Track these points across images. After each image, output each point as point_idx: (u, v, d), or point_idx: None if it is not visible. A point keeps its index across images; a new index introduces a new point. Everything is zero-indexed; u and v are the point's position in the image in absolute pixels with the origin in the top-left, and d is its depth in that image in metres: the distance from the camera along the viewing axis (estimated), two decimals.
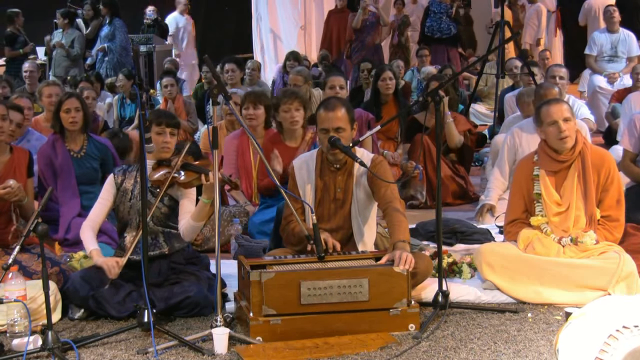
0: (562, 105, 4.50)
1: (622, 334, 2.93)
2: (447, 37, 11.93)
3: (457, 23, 12.07)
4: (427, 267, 4.27)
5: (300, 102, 5.68)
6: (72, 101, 5.56)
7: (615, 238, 4.46)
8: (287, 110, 5.64)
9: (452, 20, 11.97)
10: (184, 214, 4.33)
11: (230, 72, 8.95)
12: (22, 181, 4.55)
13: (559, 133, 4.43)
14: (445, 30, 11.89)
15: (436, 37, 11.95)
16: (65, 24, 11.37)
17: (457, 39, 12.13)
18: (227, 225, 5.55)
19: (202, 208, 4.21)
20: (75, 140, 5.64)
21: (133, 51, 7.18)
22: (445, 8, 11.95)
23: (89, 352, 3.75)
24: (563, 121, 4.43)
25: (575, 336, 3.09)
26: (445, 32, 11.90)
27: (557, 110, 4.46)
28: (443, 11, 11.99)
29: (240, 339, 3.79)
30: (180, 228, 4.34)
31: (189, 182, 4.28)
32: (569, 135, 4.43)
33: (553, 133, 4.46)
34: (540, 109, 4.58)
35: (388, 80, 7.47)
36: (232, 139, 6.15)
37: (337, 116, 4.30)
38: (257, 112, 6.04)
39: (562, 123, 4.43)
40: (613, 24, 10.24)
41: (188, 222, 4.27)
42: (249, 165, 6.06)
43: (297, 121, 5.66)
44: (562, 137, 4.43)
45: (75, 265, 4.73)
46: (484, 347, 3.71)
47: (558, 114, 4.45)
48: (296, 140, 5.69)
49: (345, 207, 4.41)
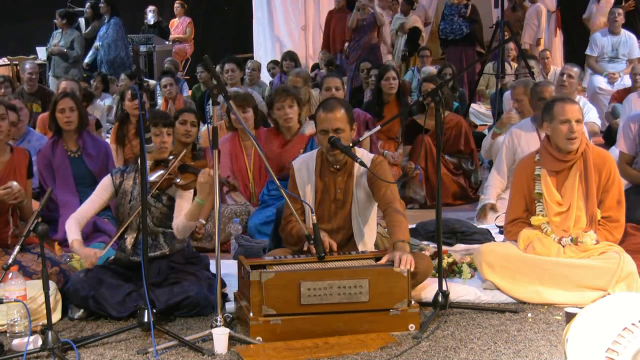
0: (575, 106, 4.51)
1: (638, 327, 2.93)
2: (459, 37, 11.91)
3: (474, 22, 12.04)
4: (427, 267, 4.27)
5: (293, 99, 5.78)
6: (66, 101, 5.57)
7: (616, 238, 4.46)
8: (281, 108, 5.77)
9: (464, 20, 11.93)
10: (178, 212, 4.33)
11: (230, 72, 8.94)
12: (22, 181, 4.55)
13: (570, 133, 4.42)
14: (457, 31, 11.86)
15: (450, 38, 11.95)
16: (64, 25, 11.37)
17: (473, 38, 12.07)
18: (228, 222, 5.55)
19: (196, 208, 4.20)
20: (72, 140, 5.65)
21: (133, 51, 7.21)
22: (457, 9, 11.91)
23: (89, 352, 3.75)
24: (575, 122, 4.43)
25: (587, 327, 3.10)
26: (457, 32, 11.87)
27: (572, 110, 4.46)
28: (455, 12, 11.95)
29: (240, 339, 3.79)
30: (174, 226, 4.33)
31: (186, 184, 4.28)
32: (578, 136, 4.43)
33: (563, 131, 4.45)
34: (553, 105, 4.54)
35: (391, 80, 7.49)
36: (223, 143, 6.14)
37: (336, 117, 4.30)
38: (246, 115, 6.08)
39: (575, 124, 4.43)
40: (616, 26, 10.25)
41: (182, 222, 4.26)
42: (243, 167, 6.09)
43: (290, 118, 5.79)
44: (571, 137, 4.43)
45: (75, 265, 4.73)
46: (484, 347, 3.71)
47: (572, 114, 4.45)
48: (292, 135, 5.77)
49: (346, 208, 4.41)
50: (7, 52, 13.23)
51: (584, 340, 3.08)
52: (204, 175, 4.09)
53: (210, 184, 4.07)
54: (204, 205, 4.22)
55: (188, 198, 4.31)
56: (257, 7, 14.64)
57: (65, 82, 7.63)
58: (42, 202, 3.84)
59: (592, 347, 3.02)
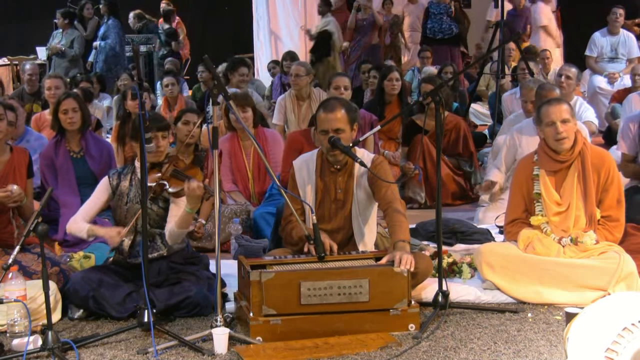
0: (561, 106, 4.50)
1: (637, 327, 2.93)
2: (448, 37, 11.90)
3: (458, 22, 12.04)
4: (427, 267, 4.27)
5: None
6: (70, 102, 5.58)
7: (616, 238, 4.46)
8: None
9: (452, 20, 11.94)
10: (171, 219, 4.32)
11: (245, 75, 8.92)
12: (22, 181, 4.55)
13: (556, 134, 4.44)
14: (446, 30, 11.85)
15: (438, 37, 11.91)
16: (65, 24, 11.38)
17: (459, 39, 12.08)
18: (228, 222, 5.56)
19: (185, 217, 4.18)
20: (75, 141, 5.65)
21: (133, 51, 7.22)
22: (445, 8, 11.92)
23: (89, 352, 3.75)
24: (561, 122, 4.44)
25: (587, 327, 3.10)
26: (446, 32, 11.86)
27: (556, 111, 4.47)
28: (443, 11, 11.95)
29: (240, 339, 3.79)
30: (166, 232, 4.32)
31: (177, 192, 4.24)
32: (567, 136, 4.44)
33: (550, 133, 4.47)
34: (540, 109, 4.60)
35: (394, 81, 7.51)
36: (222, 143, 6.14)
37: (337, 117, 4.29)
38: (246, 114, 6.10)
39: (560, 124, 4.43)
40: (616, 26, 10.25)
41: (172, 229, 4.25)
42: (242, 167, 6.10)
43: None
44: (558, 138, 4.44)
45: (75, 265, 4.73)
46: (484, 347, 3.71)
47: (556, 115, 4.45)
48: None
49: (346, 208, 4.40)
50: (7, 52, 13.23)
51: (584, 340, 3.09)
52: (190, 187, 4.05)
53: (198, 196, 4.06)
54: (193, 213, 4.21)
55: (181, 205, 4.29)
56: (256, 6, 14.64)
57: (50, 80, 7.36)
58: (42, 202, 3.84)
59: (591, 347, 3.02)
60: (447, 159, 6.92)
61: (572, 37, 13.15)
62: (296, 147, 5.73)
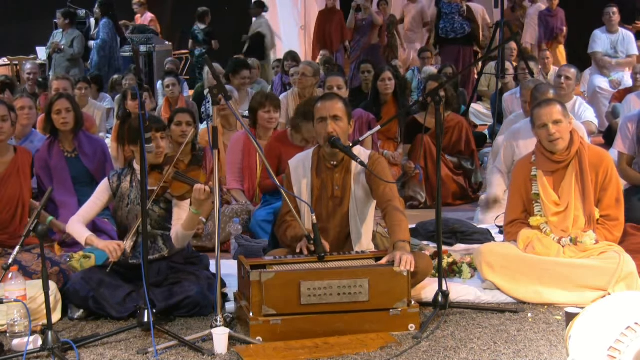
0: (553, 107, 4.51)
1: None
2: (461, 36, 11.86)
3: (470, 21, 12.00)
4: (427, 267, 4.27)
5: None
6: (62, 102, 5.58)
7: (615, 237, 4.46)
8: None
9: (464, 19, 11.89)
10: (176, 221, 4.31)
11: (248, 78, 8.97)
12: (26, 181, 4.56)
13: (549, 136, 4.46)
14: (459, 30, 11.79)
15: (450, 37, 11.86)
16: (66, 24, 11.38)
17: (471, 38, 12.03)
18: (229, 222, 5.55)
19: (191, 218, 4.17)
20: (68, 141, 5.66)
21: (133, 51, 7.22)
22: (457, 8, 11.86)
23: (89, 352, 3.75)
24: (552, 124, 4.45)
25: (589, 325, 3.10)
26: (459, 31, 11.79)
27: (547, 112, 4.48)
28: (455, 11, 11.89)
29: (240, 339, 3.79)
30: (172, 235, 4.31)
31: (181, 195, 4.24)
32: (560, 137, 4.45)
33: (544, 135, 4.49)
34: (533, 111, 4.62)
35: (387, 81, 7.49)
36: (238, 139, 6.13)
37: (335, 105, 4.30)
38: (276, 115, 6.11)
39: (552, 126, 4.44)
40: (612, 25, 10.27)
41: (179, 231, 4.24)
42: (253, 165, 6.05)
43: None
44: (551, 140, 4.46)
45: (75, 265, 4.73)
46: (484, 347, 3.71)
47: (547, 117, 4.47)
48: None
49: (344, 206, 4.39)
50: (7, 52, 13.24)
51: (586, 338, 3.09)
52: (199, 191, 4.03)
53: (206, 199, 4.06)
54: (200, 214, 4.21)
55: (185, 207, 4.28)
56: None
57: (57, 81, 7.61)
58: (42, 202, 3.85)
59: (594, 345, 3.02)
60: (448, 158, 6.92)
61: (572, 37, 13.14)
62: (275, 153, 5.68)
